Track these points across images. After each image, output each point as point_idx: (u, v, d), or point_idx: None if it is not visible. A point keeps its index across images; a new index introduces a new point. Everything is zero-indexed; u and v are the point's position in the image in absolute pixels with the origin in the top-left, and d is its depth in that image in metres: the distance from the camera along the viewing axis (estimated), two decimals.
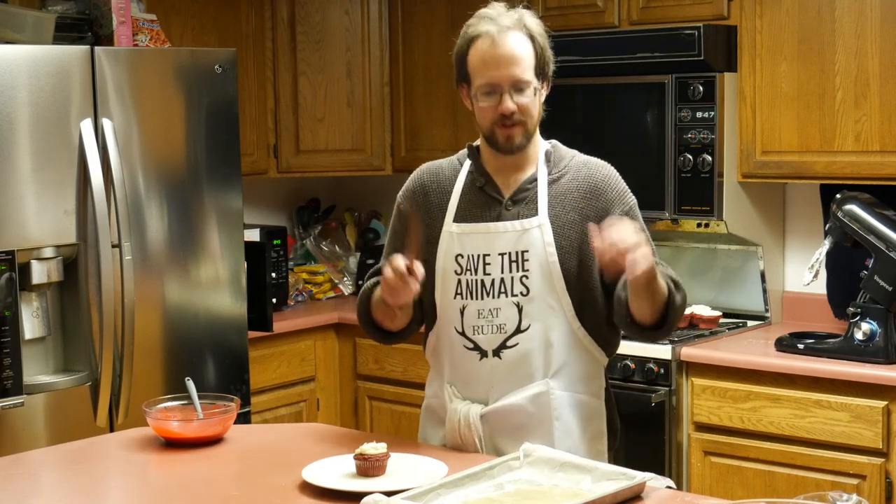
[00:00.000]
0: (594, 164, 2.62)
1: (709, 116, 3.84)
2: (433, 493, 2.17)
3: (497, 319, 2.53)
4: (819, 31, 3.72)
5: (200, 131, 3.83)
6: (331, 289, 5.02)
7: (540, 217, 2.53)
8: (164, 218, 3.72)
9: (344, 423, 4.61)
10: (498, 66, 2.48)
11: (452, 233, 2.59)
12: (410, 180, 2.73)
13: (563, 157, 2.62)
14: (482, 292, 2.54)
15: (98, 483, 2.53)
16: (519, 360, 2.53)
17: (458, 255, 2.57)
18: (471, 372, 2.57)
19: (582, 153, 2.66)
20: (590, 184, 2.57)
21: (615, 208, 2.54)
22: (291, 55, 4.75)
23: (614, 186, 2.58)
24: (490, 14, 2.53)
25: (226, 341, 3.91)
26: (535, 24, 2.53)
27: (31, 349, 3.46)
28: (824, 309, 4.03)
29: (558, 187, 2.57)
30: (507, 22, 2.49)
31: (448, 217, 2.60)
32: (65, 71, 3.46)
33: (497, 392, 2.55)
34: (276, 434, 2.82)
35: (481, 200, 2.59)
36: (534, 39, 2.50)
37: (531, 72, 2.49)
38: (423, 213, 2.64)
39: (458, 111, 4.63)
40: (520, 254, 2.52)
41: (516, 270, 2.52)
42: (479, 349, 2.55)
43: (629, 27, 4.10)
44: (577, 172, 2.58)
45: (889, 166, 3.62)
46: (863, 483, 3.41)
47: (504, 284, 2.52)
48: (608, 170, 2.62)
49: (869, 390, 3.40)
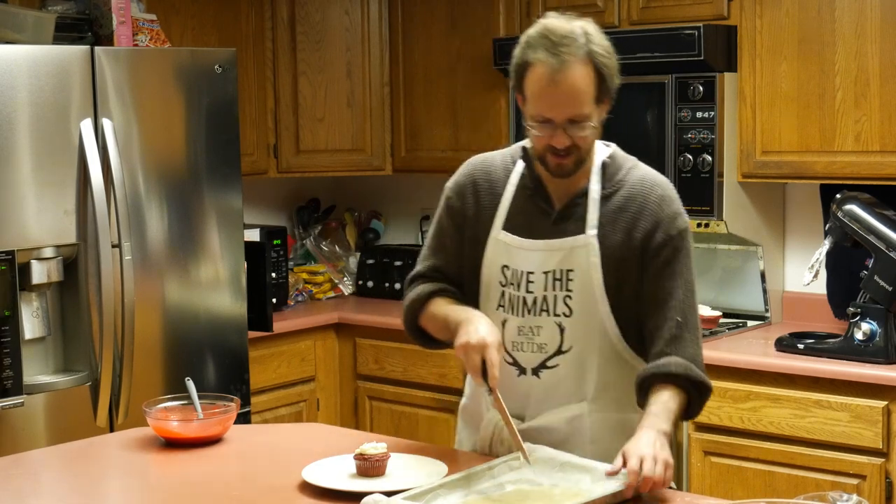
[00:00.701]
0: (649, 181, 2.46)
1: (709, 116, 3.84)
2: (433, 493, 2.17)
3: (538, 338, 2.44)
4: (819, 31, 3.72)
5: (200, 131, 3.83)
6: (331, 289, 5.02)
7: (587, 236, 2.41)
8: (164, 218, 3.72)
9: (344, 423, 4.61)
10: (555, 105, 2.32)
11: (500, 241, 2.48)
12: (460, 173, 2.60)
13: (620, 168, 2.47)
14: (523, 309, 2.45)
15: (98, 483, 2.53)
16: (558, 381, 2.44)
17: (504, 266, 2.47)
18: (508, 386, 2.47)
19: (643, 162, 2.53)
20: (640, 204, 2.42)
21: (659, 234, 2.40)
22: (291, 55, 4.75)
23: (665, 209, 2.42)
24: (552, 35, 2.32)
25: (226, 341, 3.91)
26: (600, 46, 2.33)
27: (31, 349, 3.46)
28: (824, 309, 4.03)
29: (610, 205, 2.43)
30: (570, 50, 2.29)
31: (497, 221, 2.50)
32: (65, 71, 3.46)
33: (533, 410, 2.47)
34: (276, 434, 2.82)
35: (530, 209, 2.48)
36: (598, 66, 2.32)
37: (591, 104, 2.33)
38: (471, 211, 2.54)
39: (458, 111, 4.63)
40: (564, 272, 2.42)
41: (559, 289, 2.42)
42: (517, 365, 2.47)
43: (629, 27, 4.10)
44: (629, 189, 2.44)
45: (889, 166, 3.62)
46: (863, 483, 3.41)
47: (546, 302, 2.43)
48: (662, 190, 2.45)
49: (869, 390, 3.40)
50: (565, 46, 2.30)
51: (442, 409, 4.39)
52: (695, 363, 2.37)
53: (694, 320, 2.42)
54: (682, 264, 2.41)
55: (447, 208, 2.59)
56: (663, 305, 2.39)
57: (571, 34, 2.31)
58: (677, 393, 2.34)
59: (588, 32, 2.33)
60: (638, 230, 2.41)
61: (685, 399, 2.36)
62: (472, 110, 4.58)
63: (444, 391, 4.38)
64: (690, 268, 2.43)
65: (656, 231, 2.40)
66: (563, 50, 2.29)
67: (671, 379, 2.34)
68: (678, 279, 2.39)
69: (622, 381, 2.43)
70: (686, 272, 2.41)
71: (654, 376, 2.35)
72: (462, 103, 4.62)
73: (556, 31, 2.32)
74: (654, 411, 2.30)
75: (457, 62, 4.61)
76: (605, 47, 2.34)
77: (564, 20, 2.36)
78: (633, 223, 2.41)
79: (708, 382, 2.39)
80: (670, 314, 2.38)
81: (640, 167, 2.50)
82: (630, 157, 2.52)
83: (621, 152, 2.52)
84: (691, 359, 2.37)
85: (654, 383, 2.35)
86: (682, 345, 2.38)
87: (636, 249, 2.40)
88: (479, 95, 4.55)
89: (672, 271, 2.40)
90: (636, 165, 2.50)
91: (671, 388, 2.34)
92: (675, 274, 2.40)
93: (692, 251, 2.45)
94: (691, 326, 2.40)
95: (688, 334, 2.39)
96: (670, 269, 2.40)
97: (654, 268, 2.40)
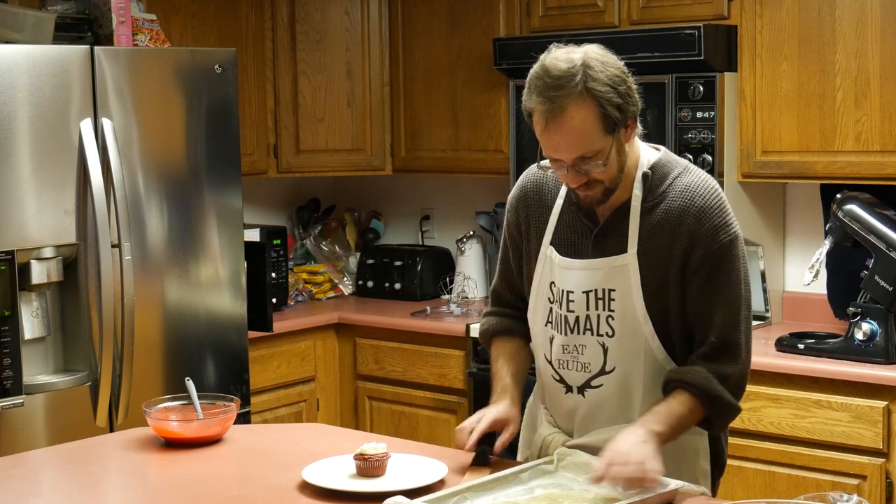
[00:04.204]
0: (694, 190, 2.35)
1: (709, 116, 3.84)
2: (460, 495, 2.16)
3: (582, 357, 2.40)
4: (819, 31, 3.72)
5: (200, 131, 3.83)
6: (331, 289, 5.02)
7: (628, 255, 2.34)
8: (164, 218, 3.72)
9: (344, 423, 4.61)
10: (558, 149, 2.26)
11: (547, 256, 2.45)
12: (517, 185, 2.56)
13: (664, 178, 2.37)
14: (566, 328, 2.41)
15: (98, 483, 2.53)
16: (603, 400, 2.40)
17: (552, 282, 2.44)
18: (556, 402, 2.49)
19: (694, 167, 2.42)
20: (678, 218, 2.32)
21: (697, 251, 2.31)
22: (291, 55, 4.75)
23: (704, 223, 2.32)
24: (547, 76, 2.23)
25: (226, 341, 3.91)
26: (601, 77, 2.22)
27: (30, 349, 3.46)
28: (824, 309, 4.03)
29: (651, 219, 2.34)
30: (564, 93, 2.20)
31: (546, 236, 2.46)
32: (65, 71, 3.46)
33: (581, 427, 2.45)
34: (276, 434, 2.82)
35: (575, 224, 2.42)
36: (599, 98, 2.21)
37: (598, 139, 2.24)
38: (524, 225, 2.51)
39: (458, 111, 4.63)
40: (606, 292, 2.36)
41: (602, 309, 2.36)
42: (563, 383, 2.45)
43: (629, 27, 4.10)
44: (672, 202, 2.34)
45: (889, 166, 3.62)
46: (863, 483, 3.41)
47: (589, 321, 2.38)
48: (707, 200, 2.34)
49: (869, 390, 3.40)
50: (560, 89, 2.21)
51: (442, 409, 4.39)
52: (721, 379, 2.31)
53: (734, 338, 2.34)
54: (723, 280, 2.32)
55: (506, 224, 2.57)
56: (704, 325, 2.34)
57: (567, 73, 2.21)
58: (690, 400, 2.30)
59: (588, 65, 2.22)
60: (677, 246, 2.33)
61: (701, 410, 2.32)
62: (472, 110, 4.58)
63: (444, 391, 4.38)
64: (733, 282, 2.33)
65: (694, 248, 2.31)
66: (557, 94, 2.21)
67: (686, 387, 2.30)
68: (719, 297, 2.32)
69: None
70: (728, 288, 2.32)
71: (672, 382, 2.33)
72: (462, 103, 4.62)
73: (552, 72, 2.23)
74: (655, 410, 2.30)
75: (457, 62, 4.61)
76: (609, 76, 2.23)
77: (565, 53, 2.26)
78: (672, 239, 2.33)
79: (727, 399, 2.32)
80: (708, 335, 2.33)
81: (687, 174, 2.38)
82: (679, 162, 2.42)
83: (669, 157, 2.42)
84: (720, 375, 2.31)
85: (674, 388, 2.32)
86: (714, 363, 2.32)
87: (677, 267, 2.33)
88: (479, 95, 4.55)
89: (712, 289, 2.32)
90: (684, 172, 2.39)
91: (685, 394, 2.31)
92: (714, 291, 2.32)
93: (740, 263, 2.35)
94: (729, 346, 2.33)
95: (722, 354, 2.33)
96: (710, 287, 2.32)
97: (695, 286, 2.33)
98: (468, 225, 4.94)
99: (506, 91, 4.39)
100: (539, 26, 4.34)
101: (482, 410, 2.45)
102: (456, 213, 5.07)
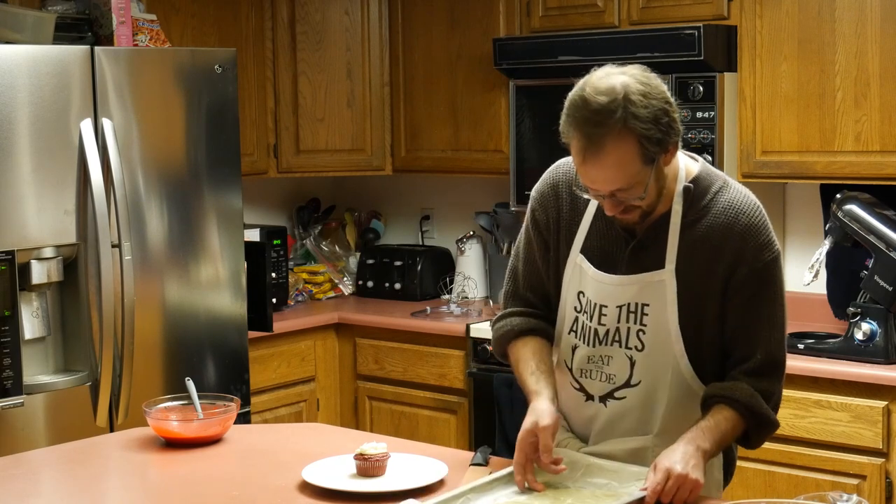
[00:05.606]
0: (737, 207, 2.29)
1: (709, 116, 3.84)
2: (462, 497, 2.16)
3: (607, 368, 2.36)
4: (819, 31, 3.72)
5: (200, 131, 3.83)
6: (331, 289, 5.02)
7: (665, 271, 2.29)
8: (164, 218, 3.72)
9: (344, 423, 4.61)
10: (595, 181, 2.21)
11: (577, 265, 2.39)
12: (544, 180, 2.48)
13: (705, 192, 2.32)
14: (594, 340, 2.37)
15: (98, 483, 2.53)
16: (625, 412, 2.37)
17: (580, 292, 2.39)
18: (575, 409, 2.45)
19: (733, 181, 2.37)
20: (723, 235, 2.28)
21: (742, 268, 2.27)
22: (291, 55, 4.75)
23: (750, 241, 2.27)
24: (588, 106, 2.15)
25: (226, 341, 3.91)
26: (642, 111, 2.15)
27: (31, 349, 3.46)
28: (824, 309, 4.03)
29: (692, 234, 2.29)
30: (603, 130, 2.13)
31: (577, 242, 2.39)
32: (65, 71, 3.46)
33: (598, 436, 2.41)
34: (276, 434, 2.82)
35: (609, 234, 2.36)
36: (639, 135, 2.15)
37: (635, 173, 2.18)
38: (553, 225, 2.43)
39: (458, 111, 4.63)
40: (639, 306, 2.31)
41: (633, 322, 2.32)
42: (584, 391, 2.41)
43: (629, 27, 4.10)
44: (716, 218, 2.29)
45: (889, 166, 3.62)
46: (863, 483, 3.41)
47: (619, 333, 2.34)
48: (752, 218, 2.29)
49: (869, 390, 3.40)
50: (599, 126, 2.14)
51: (442, 410, 4.39)
52: (765, 396, 2.30)
53: (778, 357, 2.34)
54: (767, 297, 2.31)
55: (533, 221, 2.48)
56: (747, 342, 2.31)
57: (606, 109, 2.13)
58: (734, 417, 2.28)
59: (629, 94, 2.14)
60: (720, 264, 2.28)
61: (743, 427, 2.30)
62: (472, 110, 4.58)
63: (444, 391, 4.38)
64: (777, 300, 2.32)
65: (739, 265, 2.27)
66: (595, 130, 2.14)
67: (732, 403, 2.28)
68: (763, 313, 2.30)
69: (692, 418, 2.30)
70: (772, 305, 2.31)
71: (715, 397, 2.29)
72: (462, 103, 4.62)
73: (592, 105, 2.15)
74: (703, 426, 2.25)
75: (457, 62, 4.61)
76: (651, 111, 2.16)
77: (606, 81, 2.18)
78: (715, 256, 2.28)
79: (771, 417, 2.31)
80: (752, 351, 2.31)
81: (729, 189, 2.34)
82: (719, 176, 2.37)
83: (709, 169, 2.37)
84: (764, 392, 2.30)
85: (717, 403, 2.29)
86: (759, 380, 2.31)
87: (718, 284, 2.29)
88: (479, 95, 4.55)
89: (757, 305, 2.30)
90: (724, 187, 2.34)
91: (730, 411, 2.28)
92: (759, 308, 2.30)
93: (781, 280, 2.33)
94: (773, 364, 2.33)
95: (768, 372, 2.32)
96: (755, 303, 2.30)
97: (738, 302, 2.29)
98: (468, 225, 4.94)
99: (506, 91, 4.38)
100: (539, 26, 4.33)
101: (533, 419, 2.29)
102: (456, 213, 5.07)
